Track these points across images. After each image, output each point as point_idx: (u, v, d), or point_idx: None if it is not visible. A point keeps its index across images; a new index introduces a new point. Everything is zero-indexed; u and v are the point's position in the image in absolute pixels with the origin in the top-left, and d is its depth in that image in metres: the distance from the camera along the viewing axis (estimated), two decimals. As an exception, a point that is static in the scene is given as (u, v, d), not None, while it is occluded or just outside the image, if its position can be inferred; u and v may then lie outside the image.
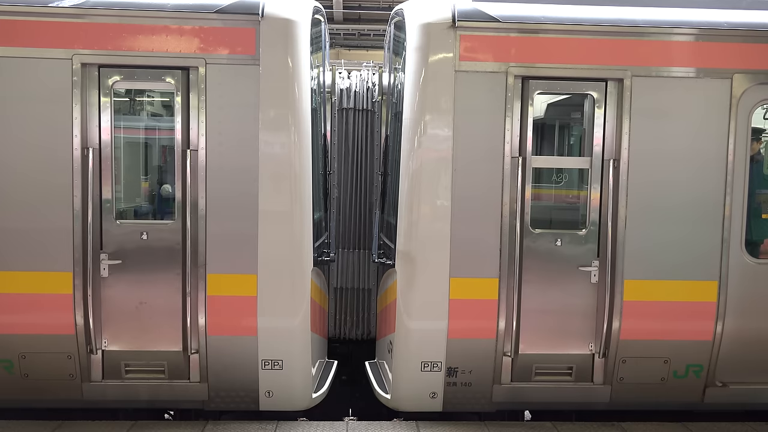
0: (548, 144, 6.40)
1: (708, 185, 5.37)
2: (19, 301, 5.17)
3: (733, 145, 5.34)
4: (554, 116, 6.30)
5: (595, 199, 5.43)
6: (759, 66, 5.36)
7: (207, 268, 5.20)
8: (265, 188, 5.18)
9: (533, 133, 5.39)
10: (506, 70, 5.25)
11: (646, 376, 5.51)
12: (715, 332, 5.45)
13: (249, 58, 5.12)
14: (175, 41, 5.13)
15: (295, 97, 5.20)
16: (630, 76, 5.29)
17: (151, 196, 5.91)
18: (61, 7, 5.07)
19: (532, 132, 5.37)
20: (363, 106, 7.21)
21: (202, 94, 5.13)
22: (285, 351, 5.34)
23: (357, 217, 7.20)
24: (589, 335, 5.48)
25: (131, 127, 5.90)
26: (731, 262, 5.41)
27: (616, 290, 5.37)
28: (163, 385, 5.38)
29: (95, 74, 5.16)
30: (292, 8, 5.31)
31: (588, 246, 5.44)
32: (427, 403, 5.48)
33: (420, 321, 5.41)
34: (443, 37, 5.22)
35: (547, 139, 6.34)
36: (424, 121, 5.26)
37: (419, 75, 5.27)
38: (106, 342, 5.31)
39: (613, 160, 5.34)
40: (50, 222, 5.12)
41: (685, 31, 5.36)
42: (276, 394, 5.40)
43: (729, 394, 5.60)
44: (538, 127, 5.76)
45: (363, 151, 7.18)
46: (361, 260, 7.15)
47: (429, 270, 5.33)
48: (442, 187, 5.26)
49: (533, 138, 5.42)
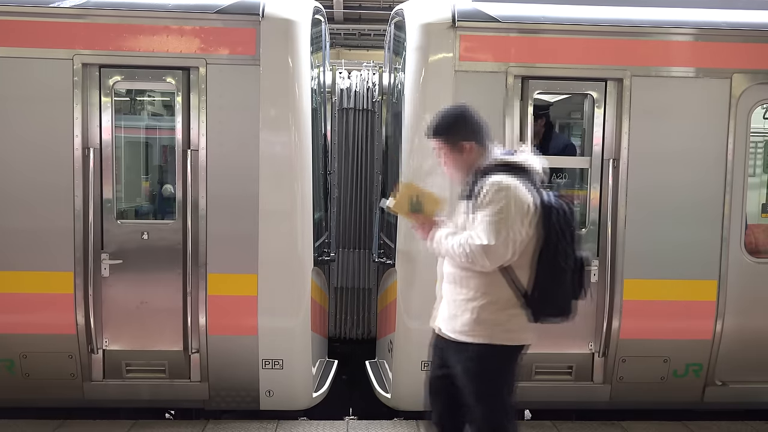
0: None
1: (707, 184, 5.37)
2: (21, 301, 5.18)
3: (732, 144, 5.35)
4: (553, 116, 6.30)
5: (595, 199, 5.44)
6: (758, 66, 5.36)
7: (207, 268, 5.21)
8: (266, 188, 5.18)
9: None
10: (506, 70, 5.25)
11: (646, 375, 5.52)
12: (714, 331, 5.46)
13: (249, 58, 5.13)
14: (175, 41, 5.13)
15: (296, 97, 5.21)
16: (629, 75, 5.29)
17: (151, 195, 5.92)
18: (61, 7, 5.08)
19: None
20: (363, 106, 7.21)
21: (202, 94, 5.14)
22: (285, 350, 5.35)
23: (357, 216, 7.20)
24: (588, 334, 5.49)
25: (132, 127, 5.91)
26: (731, 261, 5.41)
27: (615, 289, 5.38)
28: (163, 384, 5.39)
29: (96, 74, 5.17)
30: (292, 8, 5.32)
31: (587, 245, 5.44)
32: (428, 402, 5.48)
33: (420, 320, 5.38)
34: (443, 37, 5.23)
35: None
36: (425, 121, 5.26)
37: (419, 75, 5.28)
38: (107, 341, 5.32)
39: (613, 160, 5.34)
40: (51, 222, 5.13)
41: (685, 31, 5.37)
42: (276, 393, 5.40)
43: (729, 393, 5.60)
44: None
45: (363, 151, 7.18)
46: (362, 260, 7.15)
47: (429, 269, 5.32)
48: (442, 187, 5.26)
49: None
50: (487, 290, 3.40)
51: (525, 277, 3.41)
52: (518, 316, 3.43)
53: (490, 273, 3.37)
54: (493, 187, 3.31)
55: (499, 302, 3.40)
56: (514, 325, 3.44)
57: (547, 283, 3.39)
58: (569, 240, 3.39)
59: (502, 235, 3.26)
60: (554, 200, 3.41)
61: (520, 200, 3.31)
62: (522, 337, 3.50)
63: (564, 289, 3.43)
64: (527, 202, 3.33)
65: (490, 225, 3.27)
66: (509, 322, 3.42)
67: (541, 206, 3.37)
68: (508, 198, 3.28)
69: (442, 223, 3.60)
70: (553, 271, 3.38)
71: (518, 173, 3.42)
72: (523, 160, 3.50)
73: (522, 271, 3.41)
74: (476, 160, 3.52)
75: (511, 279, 3.39)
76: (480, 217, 3.32)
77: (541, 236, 3.37)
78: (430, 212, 3.59)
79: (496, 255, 3.29)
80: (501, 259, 3.31)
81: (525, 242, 3.35)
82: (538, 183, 3.50)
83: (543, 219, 3.36)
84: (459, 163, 3.57)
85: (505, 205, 3.27)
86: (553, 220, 3.35)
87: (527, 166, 3.48)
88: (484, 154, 3.53)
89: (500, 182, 3.32)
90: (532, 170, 3.50)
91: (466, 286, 3.45)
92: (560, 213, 3.37)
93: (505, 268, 3.38)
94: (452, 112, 3.68)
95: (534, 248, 3.39)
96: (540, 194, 3.41)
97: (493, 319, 3.41)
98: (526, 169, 3.47)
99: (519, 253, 3.35)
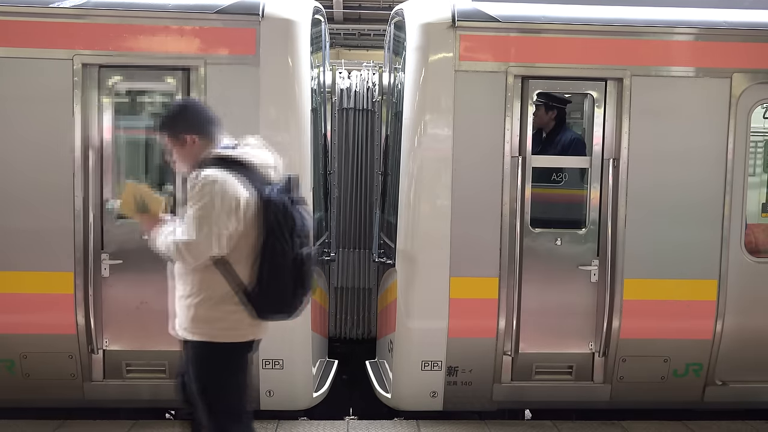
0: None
1: (707, 184, 5.37)
2: (21, 301, 5.17)
3: (732, 144, 5.35)
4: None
5: (595, 199, 5.44)
6: (758, 65, 5.36)
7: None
8: (266, 188, 5.18)
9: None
10: (506, 70, 5.25)
11: (646, 375, 5.52)
12: (714, 331, 5.45)
13: (249, 58, 5.13)
14: (175, 41, 5.14)
15: (296, 97, 5.21)
16: (629, 75, 5.29)
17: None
18: (61, 7, 5.08)
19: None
20: (363, 105, 7.21)
21: (202, 94, 5.13)
22: (285, 350, 5.34)
23: (357, 216, 7.20)
24: (589, 334, 5.49)
25: (132, 127, 5.90)
26: (731, 260, 5.41)
27: (615, 289, 5.38)
28: (164, 384, 5.37)
29: (96, 74, 5.17)
30: (292, 8, 5.32)
31: (588, 245, 5.45)
32: (428, 402, 5.49)
33: (420, 320, 5.42)
34: (443, 37, 5.23)
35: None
36: (424, 121, 5.27)
37: (419, 75, 5.28)
38: (107, 342, 5.32)
39: (613, 160, 5.34)
40: (51, 222, 5.13)
41: (685, 31, 5.37)
42: (277, 393, 5.40)
43: (729, 393, 5.60)
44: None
45: (363, 151, 7.18)
46: (362, 260, 7.16)
47: (429, 269, 5.34)
48: (442, 187, 5.27)
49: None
50: (202, 286, 3.35)
51: (245, 272, 3.36)
52: (237, 312, 3.37)
53: (206, 269, 3.33)
54: (199, 182, 3.27)
55: (214, 298, 3.35)
56: (234, 322, 3.38)
57: (266, 279, 3.32)
58: (287, 236, 3.32)
59: (204, 231, 3.22)
60: (274, 196, 3.35)
61: (227, 195, 3.25)
62: (243, 333, 3.42)
63: (284, 285, 3.35)
64: (236, 196, 3.27)
65: (193, 220, 3.24)
66: (227, 318, 3.36)
67: (260, 201, 3.33)
68: (213, 193, 3.23)
69: (167, 221, 3.54)
70: (271, 268, 3.32)
71: (235, 168, 3.36)
72: (240, 155, 3.45)
73: (241, 266, 3.36)
74: (200, 153, 3.47)
75: (229, 275, 3.34)
76: (187, 212, 3.31)
77: (261, 232, 3.33)
78: (155, 211, 3.55)
79: (198, 251, 3.25)
80: (203, 255, 3.27)
81: (236, 237, 3.31)
82: (261, 177, 3.43)
83: (260, 214, 3.32)
84: (183, 157, 3.52)
85: (209, 201, 3.22)
86: (271, 216, 3.30)
87: (245, 161, 3.43)
88: (209, 148, 3.49)
89: (207, 177, 3.27)
90: (252, 165, 3.44)
91: (185, 283, 3.41)
92: (279, 209, 3.32)
93: (221, 264, 3.33)
94: (176, 105, 3.67)
95: (253, 244, 3.35)
96: (260, 189, 3.36)
97: (209, 316, 3.35)
98: (244, 163, 3.42)
99: (230, 248, 3.31)
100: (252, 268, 3.36)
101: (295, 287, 3.40)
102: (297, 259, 3.36)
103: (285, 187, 3.46)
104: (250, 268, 3.36)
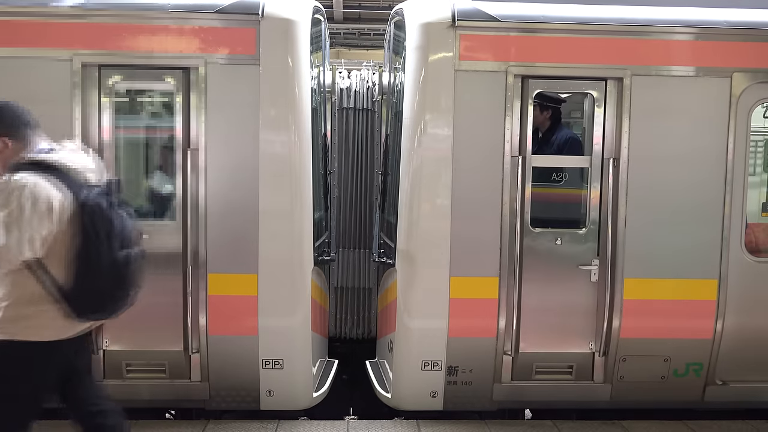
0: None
1: (707, 184, 5.37)
2: None
3: (732, 143, 5.35)
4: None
5: (595, 198, 5.44)
6: (758, 65, 5.36)
7: (207, 268, 5.21)
8: (266, 188, 5.18)
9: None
10: (506, 70, 5.25)
11: (646, 375, 5.52)
12: (714, 331, 5.46)
13: (249, 58, 5.13)
14: (175, 41, 5.13)
15: (296, 97, 5.21)
16: (630, 75, 5.29)
17: (151, 195, 5.90)
18: (61, 7, 5.08)
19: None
20: (363, 105, 7.20)
21: (202, 93, 5.14)
22: (286, 350, 5.35)
23: (357, 216, 7.20)
24: (589, 334, 5.49)
25: (132, 127, 5.90)
26: (731, 260, 5.41)
27: (616, 289, 5.38)
28: (163, 384, 5.38)
29: (95, 74, 5.17)
30: (292, 8, 5.32)
31: (588, 245, 5.45)
32: (428, 401, 5.49)
33: (420, 320, 5.42)
34: (443, 37, 5.23)
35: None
36: (424, 120, 5.27)
37: (419, 74, 5.28)
38: (107, 342, 5.32)
39: (613, 159, 5.34)
40: (51, 222, 5.11)
41: (685, 30, 5.37)
42: (277, 393, 5.40)
43: (729, 393, 5.61)
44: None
45: (363, 151, 7.18)
46: (362, 259, 7.16)
47: (429, 269, 5.34)
48: (442, 186, 5.27)
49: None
50: (15, 289, 3.36)
51: (61, 273, 3.36)
52: (51, 311, 3.36)
53: (19, 272, 3.32)
54: (7, 186, 3.26)
55: (25, 298, 3.35)
56: (45, 320, 3.37)
57: (81, 281, 3.34)
58: (103, 238, 3.34)
59: (14, 236, 3.22)
60: (91, 199, 3.36)
61: (38, 199, 3.24)
62: (51, 333, 3.40)
63: (99, 287, 3.38)
64: (49, 200, 3.26)
65: (2, 225, 3.23)
66: (38, 316, 3.36)
67: (75, 204, 3.34)
68: (21, 197, 3.22)
69: None
70: (87, 269, 3.34)
71: (49, 171, 3.35)
72: (55, 159, 3.43)
73: (58, 268, 3.35)
74: (12, 157, 3.44)
75: (45, 275, 3.34)
76: None
77: (77, 234, 3.33)
78: None
79: (9, 255, 3.25)
80: (15, 259, 3.28)
81: (50, 240, 3.30)
82: (78, 181, 3.41)
83: (76, 217, 3.33)
84: None
85: (18, 205, 3.22)
86: (86, 219, 3.32)
87: (60, 165, 3.41)
88: (22, 152, 3.46)
89: (16, 181, 3.25)
90: (68, 168, 3.42)
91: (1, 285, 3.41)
92: (95, 211, 3.34)
93: (37, 266, 3.33)
94: None
95: (69, 245, 3.35)
96: (76, 192, 3.35)
97: (18, 314, 3.35)
98: (58, 167, 3.40)
99: (44, 251, 3.31)
100: (66, 269, 3.36)
101: (114, 288, 3.45)
102: (115, 261, 3.40)
103: (104, 190, 3.48)
104: (64, 269, 3.36)
